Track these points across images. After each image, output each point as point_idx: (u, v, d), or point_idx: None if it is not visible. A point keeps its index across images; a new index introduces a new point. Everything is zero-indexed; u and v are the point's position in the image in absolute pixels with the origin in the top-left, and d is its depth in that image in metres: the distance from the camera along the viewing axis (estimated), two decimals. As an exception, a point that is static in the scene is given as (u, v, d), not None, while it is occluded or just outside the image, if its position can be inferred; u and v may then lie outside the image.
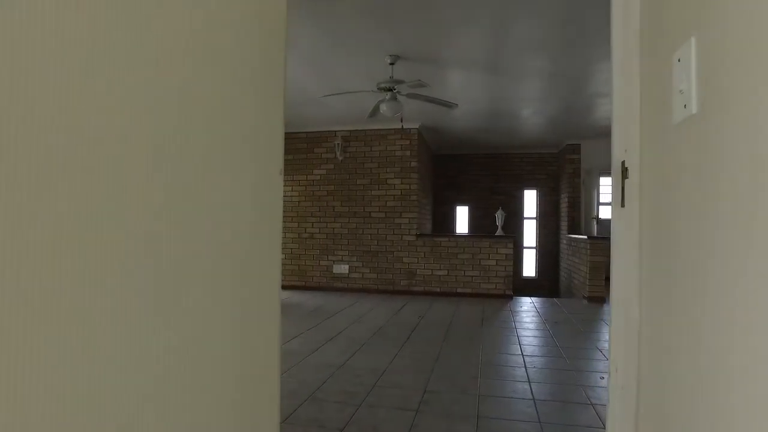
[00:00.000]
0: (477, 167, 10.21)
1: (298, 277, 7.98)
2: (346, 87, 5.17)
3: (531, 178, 9.99)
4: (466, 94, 5.80)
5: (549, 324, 5.46)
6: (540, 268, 9.95)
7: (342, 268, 7.80)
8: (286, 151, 8.16)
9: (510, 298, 7.26)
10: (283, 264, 7.47)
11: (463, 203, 10.30)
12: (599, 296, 7.00)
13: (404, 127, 7.57)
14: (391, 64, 4.48)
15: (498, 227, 7.55)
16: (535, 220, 10.06)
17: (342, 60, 4.65)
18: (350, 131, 7.82)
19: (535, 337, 4.84)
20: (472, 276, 7.40)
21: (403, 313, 5.99)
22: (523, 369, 3.76)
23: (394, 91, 4.47)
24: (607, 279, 8.12)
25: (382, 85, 4.48)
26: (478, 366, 3.80)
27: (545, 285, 9.91)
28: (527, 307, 6.62)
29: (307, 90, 5.54)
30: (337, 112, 6.94)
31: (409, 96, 4.62)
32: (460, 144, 9.48)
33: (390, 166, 7.67)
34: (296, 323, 5.31)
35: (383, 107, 4.53)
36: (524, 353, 4.21)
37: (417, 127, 7.55)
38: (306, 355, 4.03)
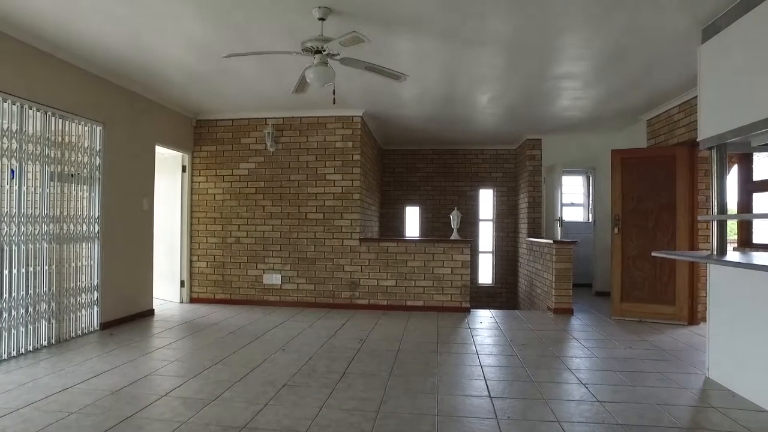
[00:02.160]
0: (428, 164, 9.31)
1: (222, 289, 6.76)
2: (261, 48, 4.07)
3: (487, 177, 9.18)
4: (417, 70, 4.83)
5: (516, 346, 4.56)
6: (497, 275, 9.15)
7: (273, 279, 6.65)
8: (208, 141, 6.96)
9: (467, 311, 6.35)
10: (204, 274, 6.99)
11: (412, 203, 9.37)
12: (566, 308, 6.21)
13: (347, 115, 6.54)
14: (321, 19, 3.42)
15: (453, 230, 6.63)
16: (491, 222, 9.26)
17: (255, 14, 3.55)
18: (283, 118, 6.70)
19: (502, 367, 3.90)
20: (424, 287, 6.44)
21: (341, 335, 4.93)
22: (494, 421, 2.79)
23: (324, 53, 3.41)
24: (577, 287, 7.26)
25: (308, 45, 3.41)
26: (435, 419, 2.80)
27: (502, 293, 9.11)
28: (487, 323, 5.72)
29: (211, 54, 4.40)
30: (267, 93, 5.81)
31: (344, 62, 3.58)
32: (410, 137, 8.54)
33: (329, 159, 6.60)
34: (204, 353, 4.15)
35: (310, 75, 3.46)
36: (492, 394, 3.25)
37: (360, 114, 6.52)
38: (198, 409, 2.90)
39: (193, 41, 4.21)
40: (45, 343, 4.37)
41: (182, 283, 6.77)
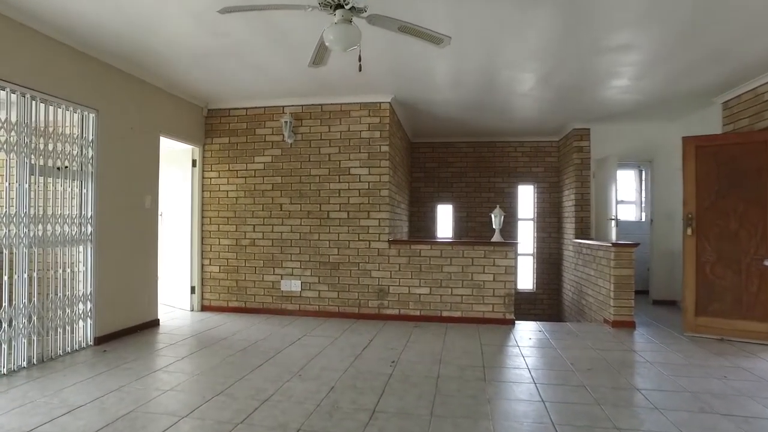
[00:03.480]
0: (462, 158, 8.50)
1: (235, 297, 6.11)
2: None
3: (527, 172, 8.33)
4: (456, 44, 4.06)
5: (579, 373, 3.75)
6: (538, 280, 8.29)
7: (292, 285, 5.97)
8: (220, 132, 6.30)
9: (512, 324, 5.54)
10: (216, 279, 6.22)
11: (445, 201, 8.58)
12: (627, 321, 5.35)
13: (374, 102, 5.80)
14: (344, -33, 2.69)
15: (495, 231, 5.83)
16: (532, 222, 8.40)
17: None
18: (302, 106, 6.00)
19: (569, 404, 3.10)
20: (462, 295, 5.66)
21: (369, 355, 4.19)
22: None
23: (347, 7, 2.68)
24: (639, 294, 6.31)
25: (328, -1, 2.68)
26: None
27: (544, 300, 8.25)
28: (537, 338, 4.91)
29: (218, 32, 3.71)
30: (283, 76, 5.12)
31: (372, 21, 2.84)
32: (443, 128, 7.75)
33: (354, 151, 5.87)
34: (207, 378, 3.46)
35: (330, 36, 2.73)
36: (570, 451, 2.46)
37: (389, 101, 5.78)
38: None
39: (196, 13, 3.53)
40: (24, 363, 3.75)
41: (193, 290, 6.14)
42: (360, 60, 3.30)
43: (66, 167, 4.16)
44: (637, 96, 5.70)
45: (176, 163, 6.34)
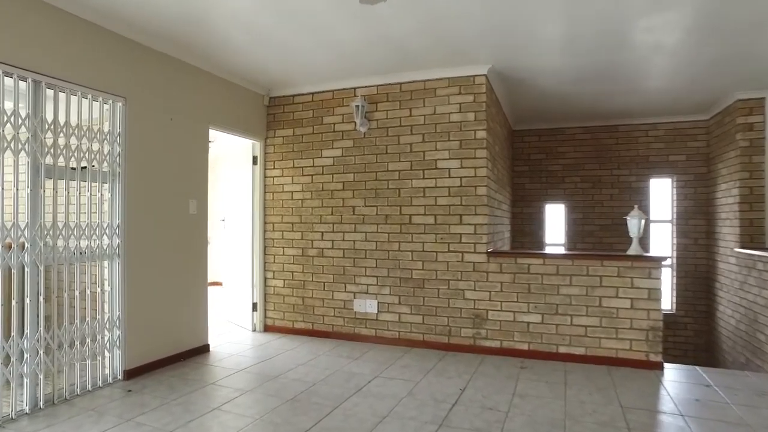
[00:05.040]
0: (576, 147, 6.95)
1: (302, 317, 5.17)
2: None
3: (662, 161, 6.58)
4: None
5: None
6: (679, 298, 6.51)
7: (367, 306, 4.90)
8: (284, 124, 5.20)
9: (659, 368, 4.02)
10: (280, 295, 5.31)
11: (555, 200, 7.08)
12: None
13: (466, 76, 4.56)
14: None
15: (633, 240, 4.32)
16: (670, 224, 6.64)
17: None
18: (377, 87, 4.90)
19: None
20: (587, 326, 4.24)
21: (461, 415, 2.98)
22: None
23: None
24: None
25: None
26: None
27: (687, 325, 6.45)
28: (708, 397, 3.38)
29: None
30: (355, 49, 4.07)
31: None
32: (551, 109, 6.29)
33: (442, 139, 4.67)
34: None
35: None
36: None
37: (484, 73, 4.50)
38: None
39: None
40: (27, 408, 3.02)
41: (254, 307, 5.30)
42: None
43: (84, 168, 3.41)
44: None
45: (237, 161, 5.55)
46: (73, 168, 3.33)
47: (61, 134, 3.24)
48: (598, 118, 6.67)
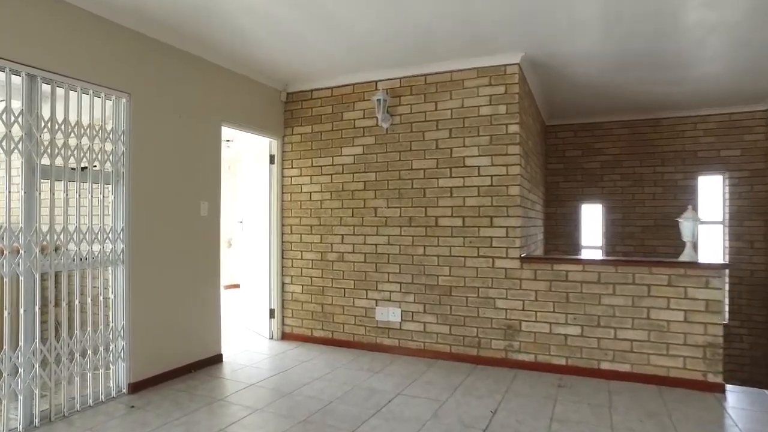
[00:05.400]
0: (614, 142, 6.46)
1: (321, 324, 4.88)
2: None
3: (713, 157, 6.03)
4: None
5: None
6: (733, 307, 5.96)
7: (390, 315, 4.58)
8: (302, 120, 4.48)
9: (719, 390, 3.57)
10: (298, 301, 5.01)
11: (592, 199, 6.61)
12: None
13: (497, 65, 4.18)
14: None
15: (686, 244, 3.86)
16: (721, 226, 6.09)
17: None
18: (400, 79, 4.57)
19: None
20: (633, 340, 3.81)
21: (492, 451, 2.63)
22: None
23: None
24: None
25: None
26: None
27: (744, 338, 5.90)
28: (781, 430, 2.93)
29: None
30: (374, 39, 3.76)
31: None
32: (587, 102, 5.84)
33: (470, 134, 4.30)
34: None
35: None
36: None
37: (517, 62, 4.11)
38: None
39: None
40: (20, 426, 2.80)
41: (272, 313, 5.04)
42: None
43: (85, 168, 3.19)
44: None
45: (254, 160, 5.31)
46: (72, 168, 3.11)
47: (60, 132, 3.02)
48: (638, 111, 6.17)
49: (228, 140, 6.68)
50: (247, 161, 5.60)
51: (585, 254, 6.57)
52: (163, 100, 3.68)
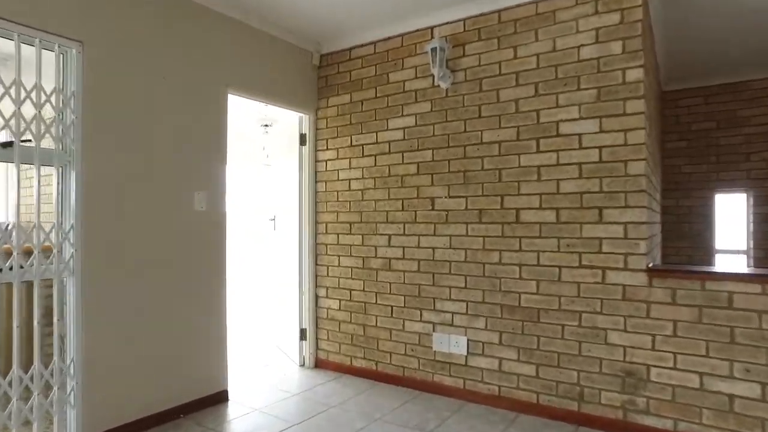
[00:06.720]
0: (763, 108, 4.76)
1: (362, 352, 3.75)
2: None
3: None
4: None
5: None
6: None
7: (452, 344, 3.34)
8: (338, 89, 3.99)
9: None
10: (335, 321, 4.01)
11: (729, 187, 4.94)
12: None
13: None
14: None
15: None
16: None
17: None
18: (464, 20, 3.32)
19: None
20: None
21: None
22: None
23: None
24: None
25: None
26: None
27: None
28: None
29: None
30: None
31: None
32: (729, 52, 4.24)
33: (567, 89, 2.97)
34: None
35: None
36: None
37: (642, -23, 2.73)
38: None
39: None
40: None
41: (303, 334, 3.98)
42: None
43: (10, 144, 2.28)
44: None
45: (283, 142, 4.30)
46: (3, 145, 2.21)
47: (-34, 90, 2.12)
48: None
49: (267, 125, 5.75)
50: (275, 143, 4.61)
51: (746, 265, 4.92)
52: (136, 54, 2.72)
